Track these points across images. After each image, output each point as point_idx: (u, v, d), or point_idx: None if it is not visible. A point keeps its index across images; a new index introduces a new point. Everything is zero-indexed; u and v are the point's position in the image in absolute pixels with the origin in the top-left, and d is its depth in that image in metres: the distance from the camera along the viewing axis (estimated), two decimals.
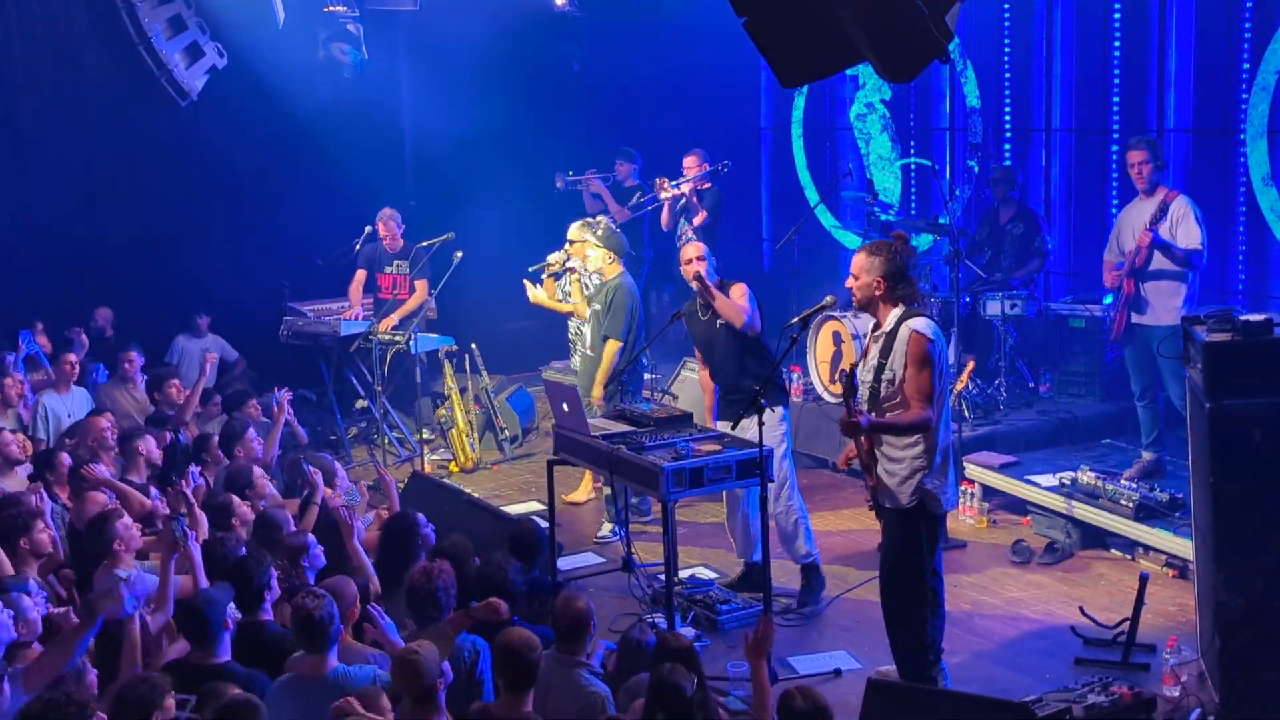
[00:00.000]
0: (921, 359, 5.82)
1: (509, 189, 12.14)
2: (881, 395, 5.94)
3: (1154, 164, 8.26)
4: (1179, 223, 8.12)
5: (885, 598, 6.24)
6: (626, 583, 7.60)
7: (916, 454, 5.94)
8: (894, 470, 5.98)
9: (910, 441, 5.94)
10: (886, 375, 5.91)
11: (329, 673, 5.11)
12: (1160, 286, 8.21)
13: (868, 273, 5.99)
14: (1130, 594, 6.80)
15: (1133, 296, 8.28)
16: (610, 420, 7.64)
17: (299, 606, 5.15)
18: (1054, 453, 9.22)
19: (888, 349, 5.92)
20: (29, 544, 6.23)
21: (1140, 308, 8.29)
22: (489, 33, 12.28)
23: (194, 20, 11.11)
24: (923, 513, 6.00)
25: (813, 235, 12.80)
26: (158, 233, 11.52)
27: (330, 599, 5.20)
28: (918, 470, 5.94)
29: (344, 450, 10.79)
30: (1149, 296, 8.25)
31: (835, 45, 3.87)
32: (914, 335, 5.84)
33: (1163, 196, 8.21)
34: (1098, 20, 10.55)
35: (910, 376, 5.84)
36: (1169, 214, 8.13)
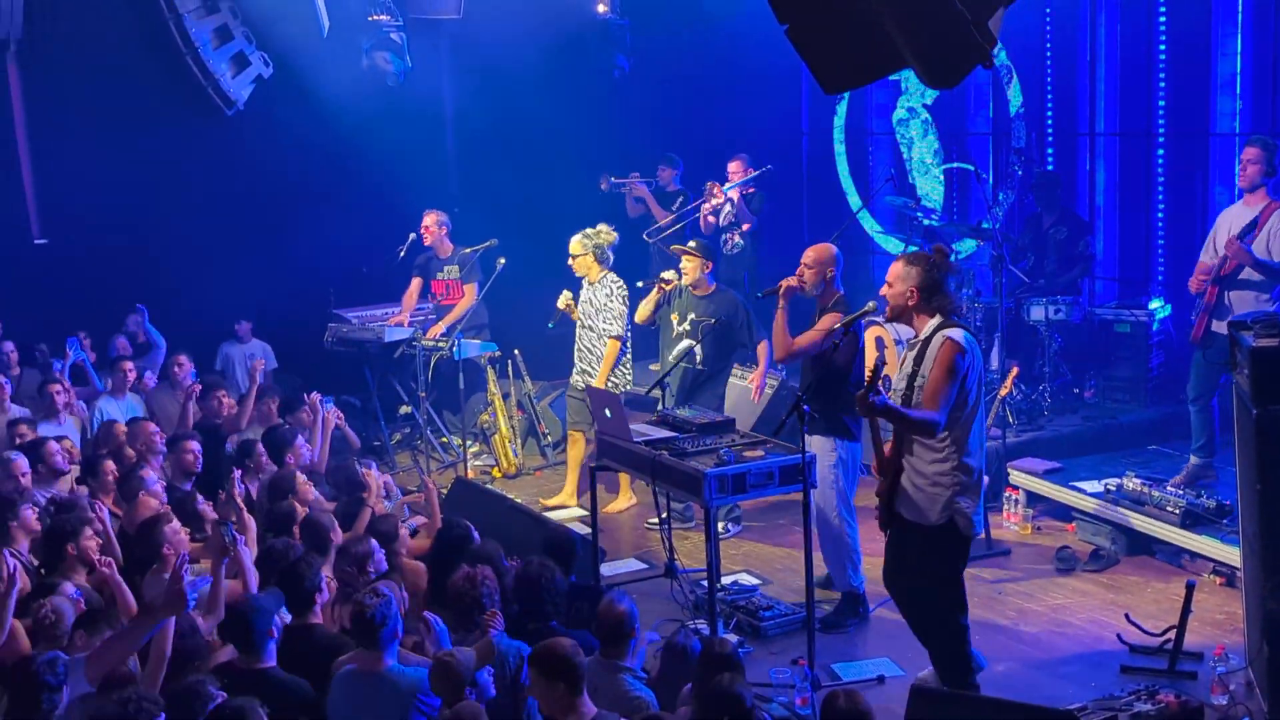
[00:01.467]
0: (947, 365, 5.71)
1: (552, 195, 12.18)
2: (914, 401, 5.83)
3: (1264, 167, 7.95)
4: (1275, 235, 7.87)
5: (917, 614, 6.20)
6: (669, 589, 7.62)
7: (945, 470, 5.82)
8: (919, 484, 5.89)
9: (939, 455, 5.82)
10: (919, 381, 5.82)
11: (384, 670, 5.20)
12: (1245, 296, 7.96)
13: (902, 281, 5.93)
14: (1177, 602, 6.75)
15: (1215, 303, 8.08)
16: (652, 425, 7.65)
17: (357, 603, 5.23)
18: (1099, 459, 9.16)
19: (921, 356, 5.85)
20: (75, 549, 6.30)
21: (1221, 315, 7.98)
22: (531, 39, 12.32)
23: (240, 30, 11.21)
24: (954, 532, 5.88)
25: (855, 240, 12.77)
26: (203, 241, 11.62)
27: (391, 599, 5.27)
28: (948, 486, 5.82)
29: (388, 456, 10.86)
30: (1232, 304, 7.98)
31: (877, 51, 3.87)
32: (947, 341, 5.75)
33: (1264, 205, 7.95)
34: (1142, 23, 10.48)
35: (931, 378, 5.73)
36: (1266, 224, 7.88)
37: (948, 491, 5.82)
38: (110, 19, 11.34)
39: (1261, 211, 7.94)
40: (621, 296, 9.19)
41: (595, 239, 9.22)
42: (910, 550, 6.05)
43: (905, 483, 5.92)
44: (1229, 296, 8.05)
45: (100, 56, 11.38)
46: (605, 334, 9.09)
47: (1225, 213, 8.41)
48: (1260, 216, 7.93)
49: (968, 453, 5.83)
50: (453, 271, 10.90)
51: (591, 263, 9.20)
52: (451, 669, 4.94)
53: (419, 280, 11.09)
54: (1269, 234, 7.89)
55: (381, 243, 11.45)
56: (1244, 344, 5.92)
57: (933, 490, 5.84)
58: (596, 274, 9.23)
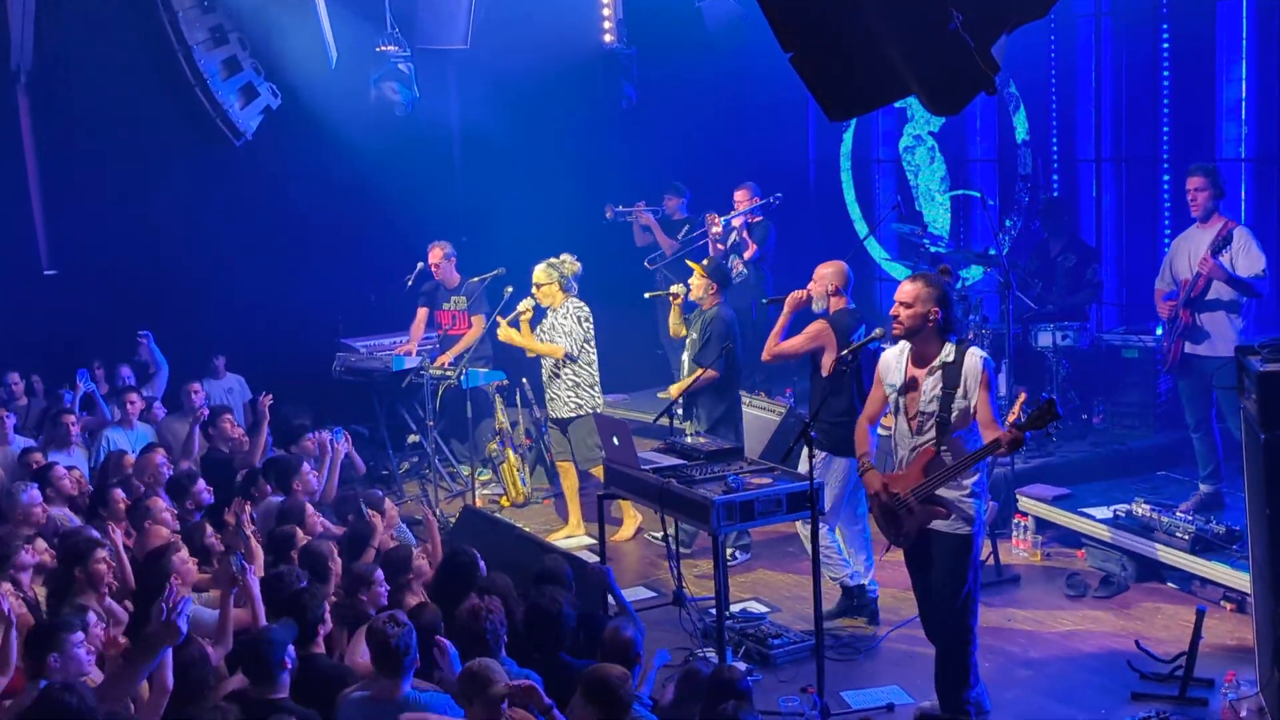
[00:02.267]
0: (989, 384, 6.01)
1: (560, 223, 12.22)
2: (953, 423, 6.02)
3: (1212, 191, 8.12)
4: (1241, 251, 7.99)
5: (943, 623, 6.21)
6: (678, 617, 7.60)
7: (978, 477, 6.10)
8: (958, 495, 6.04)
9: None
10: (959, 404, 5.99)
11: (401, 697, 5.19)
12: (1216, 317, 8.08)
13: (923, 302, 6.02)
14: (1187, 628, 6.72)
15: (1189, 326, 8.17)
16: (660, 453, 7.65)
17: (378, 631, 5.23)
18: (1108, 485, 9.13)
19: (953, 379, 6.00)
20: (84, 574, 6.30)
21: (1196, 338, 8.14)
22: (538, 69, 12.40)
23: (249, 61, 11.30)
24: (978, 535, 6.12)
25: (862, 268, 12.78)
26: (212, 270, 11.67)
27: (411, 629, 5.27)
28: (979, 495, 6.09)
29: (396, 485, 10.86)
30: (1205, 326, 8.11)
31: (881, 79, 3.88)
32: (983, 363, 6.01)
33: (1221, 226, 8.09)
34: (1146, 48, 10.49)
35: (984, 403, 5.98)
36: (1231, 243, 8.00)
37: (979, 500, 6.09)
38: (120, 51, 11.42)
39: (1221, 230, 8.06)
40: (580, 318, 9.28)
41: (560, 268, 9.34)
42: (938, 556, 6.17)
43: (942, 495, 6.05)
44: (1200, 318, 8.14)
45: (109, 88, 11.46)
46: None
47: (1181, 238, 8.52)
48: (1224, 234, 8.03)
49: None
50: (460, 302, 10.92)
51: (556, 290, 9.32)
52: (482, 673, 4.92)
53: (425, 310, 11.12)
54: (1235, 249, 8.02)
55: (389, 272, 11.49)
56: (1251, 369, 5.91)
57: (969, 499, 6.07)
58: (560, 301, 9.33)
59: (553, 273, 9.30)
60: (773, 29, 3.91)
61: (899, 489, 6.12)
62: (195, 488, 8.01)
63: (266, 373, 11.31)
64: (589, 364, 9.36)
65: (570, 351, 9.23)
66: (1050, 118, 11.37)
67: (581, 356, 9.28)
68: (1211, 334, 8.10)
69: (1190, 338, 8.17)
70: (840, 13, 3.73)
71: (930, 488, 6.05)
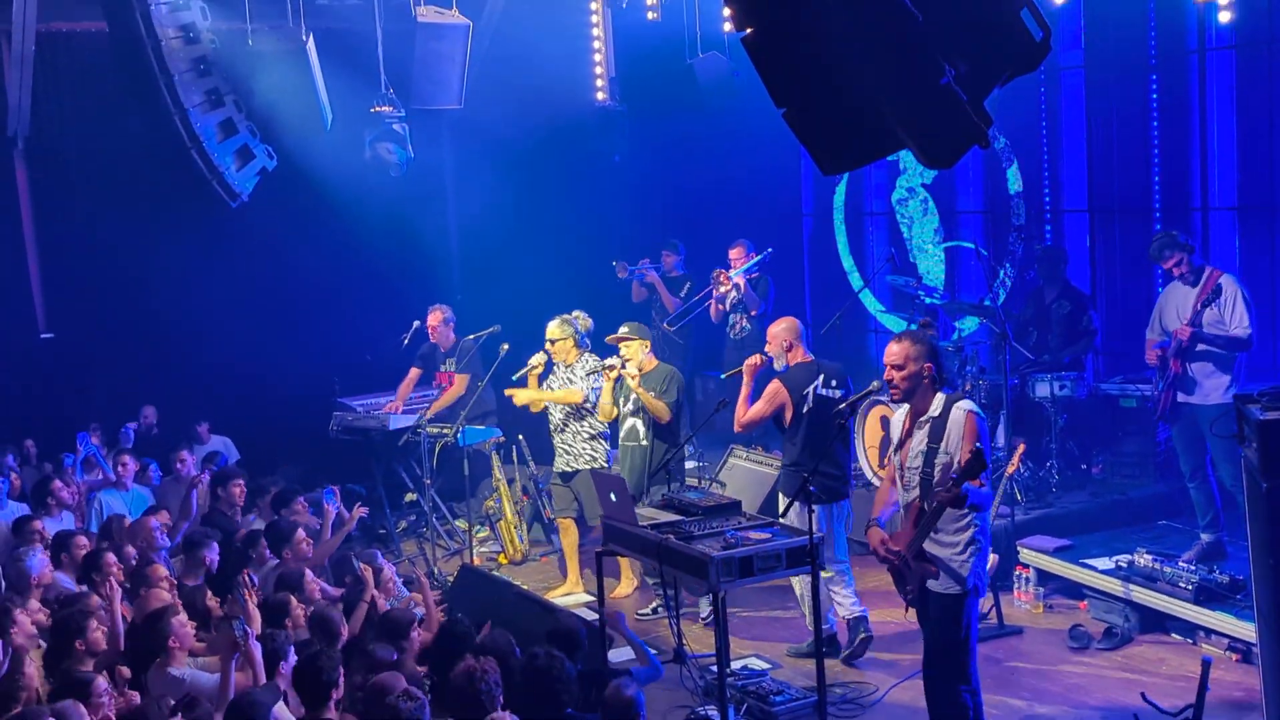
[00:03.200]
0: (977, 436, 5.86)
1: (554, 281, 12.24)
2: (935, 479, 5.90)
3: (1188, 258, 8.24)
4: (1228, 306, 8.07)
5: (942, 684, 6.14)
6: (679, 674, 7.54)
7: (969, 536, 5.92)
8: (947, 554, 5.93)
9: (962, 524, 5.91)
10: (941, 459, 5.88)
11: None
12: (1207, 366, 8.17)
13: (915, 361, 5.99)
14: (1193, 679, 6.64)
15: (1179, 376, 8.21)
16: (658, 509, 7.62)
17: (392, 706, 5.21)
18: (1109, 535, 9.10)
19: (939, 433, 5.90)
20: (84, 644, 6.27)
21: (1187, 387, 8.22)
22: (532, 128, 12.49)
23: (244, 124, 11.33)
24: (974, 595, 5.98)
25: (857, 320, 12.81)
26: (209, 331, 11.68)
27: (424, 703, 5.25)
28: (971, 551, 5.93)
29: (393, 544, 10.80)
30: (1196, 375, 8.19)
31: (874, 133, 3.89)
32: (969, 415, 5.89)
33: (1207, 276, 8.17)
34: (1137, 98, 10.57)
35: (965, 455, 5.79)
36: (1220, 296, 8.07)
37: (972, 558, 5.93)
38: (116, 115, 11.48)
39: (1208, 282, 8.15)
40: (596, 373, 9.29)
41: (574, 323, 9.40)
42: (938, 623, 6.07)
43: (934, 556, 5.96)
44: (1191, 368, 8.23)
45: (106, 151, 11.52)
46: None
47: (1170, 289, 8.57)
48: (1212, 287, 8.12)
49: (986, 516, 5.99)
50: (453, 364, 10.95)
51: (570, 347, 9.34)
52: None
53: (417, 371, 11.13)
54: (1219, 306, 8.10)
55: (385, 331, 11.51)
56: (1251, 417, 5.90)
57: (960, 556, 5.93)
58: (574, 357, 9.35)
59: (567, 328, 9.32)
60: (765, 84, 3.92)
61: (898, 546, 6.08)
62: (208, 550, 7.96)
63: (262, 432, 11.33)
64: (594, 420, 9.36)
65: (587, 395, 9.22)
66: (1042, 169, 11.44)
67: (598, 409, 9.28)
68: (1202, 383, 8.18)
69: (1181, 387, 8.26)
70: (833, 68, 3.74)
71: (917, 544, 5.98)
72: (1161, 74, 10.39)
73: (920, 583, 6.05)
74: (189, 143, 11.45)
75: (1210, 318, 8.12)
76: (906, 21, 3.55)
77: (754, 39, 3.80)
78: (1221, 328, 8.12)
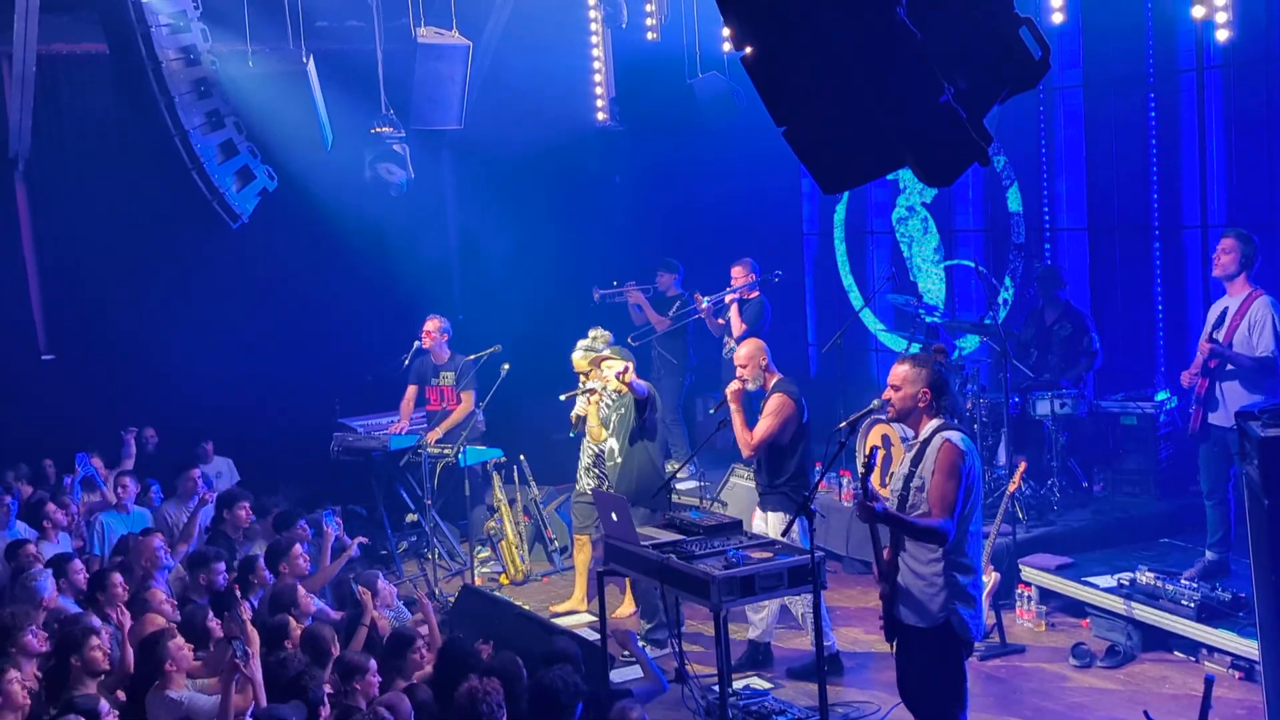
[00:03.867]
0: (949, 469, 5.63)
1: (555, 300, 12.27)
2: (909, 503, 5.75)
3: (1238, 254, 8.00)
4: (1256, 325, 7.90)
5: None
6: (681, 695, 7.51)
7: (940, 570, 5.68)
8: (916, 585, 5.76)
9: (934, 555, 5.69)
10: (915, 483, 5.74)
11: None
12: (1234, 386, 7.96)
13: (912, 384, 5.88)
14: (1195, 697, 6.64)
15: (1206, 394, 8.08)
16: (659, 529, 7.60)
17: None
18: (1111, 553, 9.08)
19: (919, 457, 5.78)
20: (80, 662, 6.25)
21: (1213, 406, 8.05)
22: (532, 148, 12.52)
23: (245, 144, 11.38)
24: (951, 635, 5.74)
25: (858, 339, 12.81)
26: (209, 352, 11.68)
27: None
28: (943, 587, 5.69)
29: (395, 565, 10.78)
30: (1223, 397, 8.00)
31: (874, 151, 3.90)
32: (946, 443, 5.67)
33: (1246, 294, 8.01)
34: (1135, 116, 10.60)
35: (935, 484, 5.64)
36: (1248, 315, 7.94)
37: (943, 593, 5.69)
38: (116, 136, 11.53)
39: (1243, 301, 8.01)
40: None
41: (594, 345, 9.28)
42: (912, 656, 5.92)
43: (902, 582, 5.80)
44: (1220, 388, 8.07)
45: (106, 172, 11.55)
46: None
47: (1213, 306, 8.46)
48: (1241, 305, 7.99)
49: (963, 554, 5.70)
50: (448, 378, 10.93)
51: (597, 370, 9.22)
52: None
53: (414, 388, 11.13)
54: (1249, 323, 7.94)
55: (386, 352, 11.51)
56: (1252, 435, 5.89)
57: (929, 590, 5.72)
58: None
59: (590, 354, 9.23)
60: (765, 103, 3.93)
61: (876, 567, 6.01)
62: (215, 566, 7.94)
63: (263, 454, 11.32)
64: None
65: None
66: (1041, 187, 11.46)
67: None
68: (1229, 403, 7.94)
69: (1208, 406, 8.09)
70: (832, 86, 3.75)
71: (890, 569, 5.84)
72: (1159, 92, 10.42)
73: (889, 608, 5.92)
74: (190, 164, 11.49)
75: (1240, 336, 7.96)
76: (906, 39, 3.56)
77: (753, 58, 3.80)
78: (1249, 347, 7.95)
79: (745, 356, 8.19)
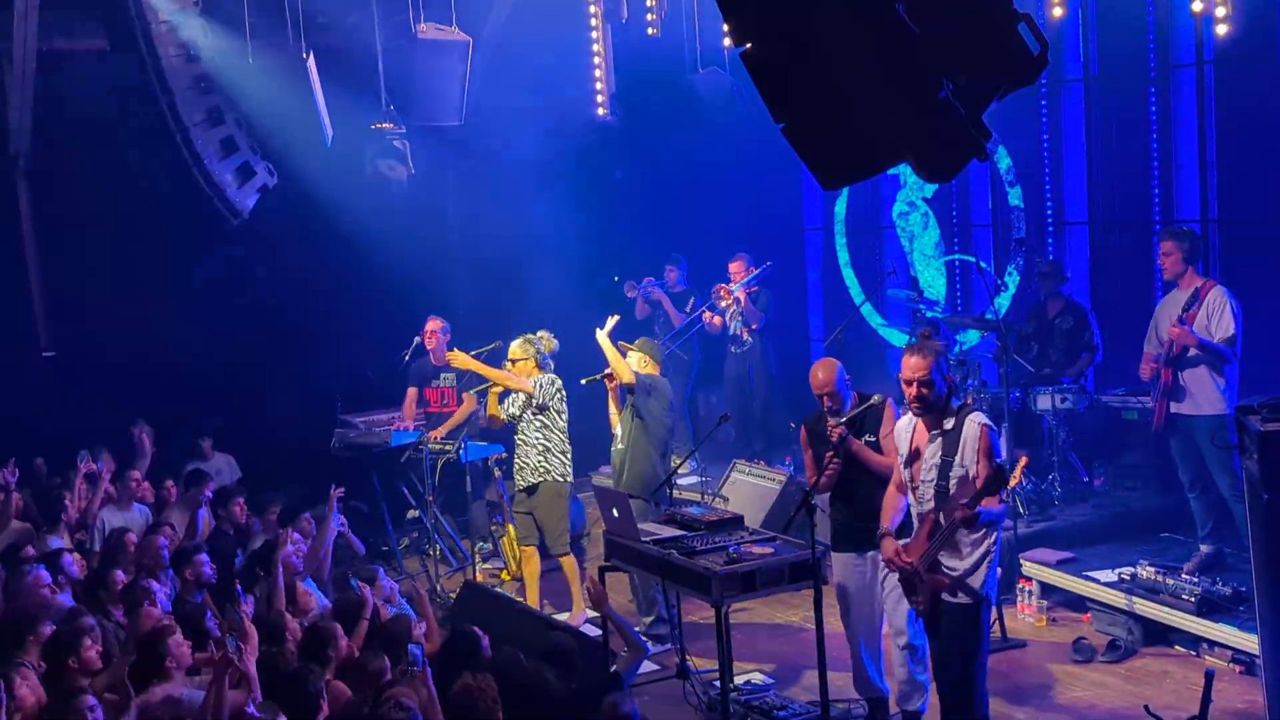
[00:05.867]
0: (992, 452, 5.95)
1: (556, 296, 12.26)
2: (951, 492, 5.96)
3: (1180, 254, 8.24)
4: (1214, 313, 8.06)
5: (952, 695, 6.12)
6: (682, 690, 7.52)
7: (987, 546, 6.00)
8: (965, 566, 5.99)
9: (978, 535, 5.98)
10: (957, 472, 5.96)
11: None
12: (1198, 374, 8.14)
13: (939, 370, 6.05)
14: (1196, 691, 6.62)
15: (1170, 385, 8.19)
16: (660, 524, 7.61)
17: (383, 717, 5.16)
18: (1112, 548, 9.08)
19: (953, 446, 5.97)
20: (77, 663, 6.25)
21: (1179, 396, 8.20)
22: (533, 144, 12.51)
23: (245, 141, 11.38)
24: (984, 605, 6.03)
25: (860, 334, 12.81)
26: (209, 349, 11.68)
27: (416, 713, 5.20)
28: (988, 562, 6.00)
29: (396, 561, 10.78)
30: (1187, 385, 8.17)
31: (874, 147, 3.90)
32: (983, 429, 5.97)
33: (1196, 286, 8.18)
34: (1135, 111, 10.59)
35: (984, 470, 5.90)
36: (1205, 304, 8.08)
37: (986, 570, 5.99)
38: (116, 134, 11.51)
39: (1199, 289, 8.13)
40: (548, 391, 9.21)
41: (537, 344, 9.34)
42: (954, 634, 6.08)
43: (947, 569, 6.00)
44: (1183, 377, 8.19)
45: (107, 170, 11.55)
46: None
47: (1164, 301, 8.61)
48: (1198, 294, 8.11)
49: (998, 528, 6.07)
50: (449, 379, 10.95)
51: (532, 367, 9.29)
52: None
53: (415, 390, 11.14)
54: (1207, 312, 8.07)
55: (387, 348, 11.51)
56: (1251, 429, 5.90)
57: (976, 571, 5.98)
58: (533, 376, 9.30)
59: (529, 348, 9.30)
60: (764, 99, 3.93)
61: (911, 557, 6.09)
62: (197, 559, 7.93)
63: (264, 450, 11.32)
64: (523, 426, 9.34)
65: (512, 413, 9.32)
66: (1043, 181, 11.45)
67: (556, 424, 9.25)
68: (1194, 393, 8.15)
69: (1173, 397, 8.22)
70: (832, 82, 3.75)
71: (931, 555, 6.01)
72: (1160, 86, 10.40)
73: (931, 594, 6.06)
74: (190, 160, 11.48)
75: (1200, 325, 8.10)
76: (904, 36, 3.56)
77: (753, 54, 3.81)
78: (1208, 335, 8.08)
79: (829, 382, 6.99)
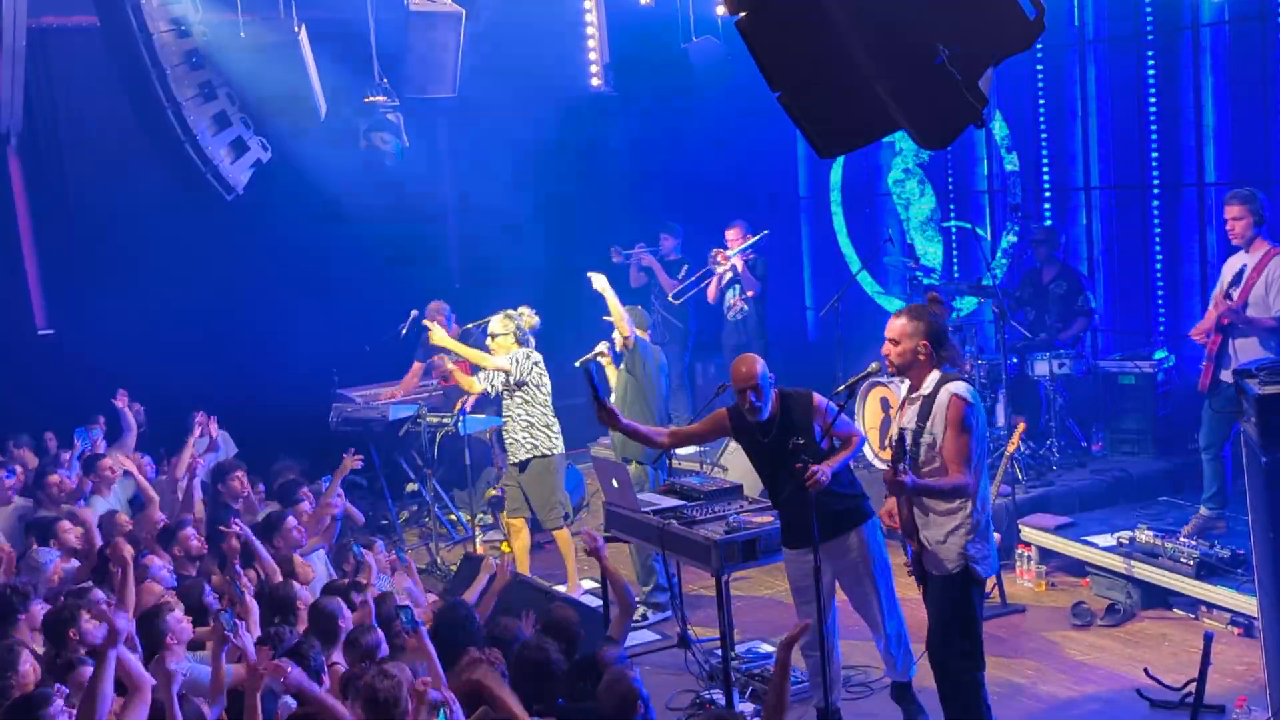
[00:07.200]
0: (961, 424, 5.75)
1: (551, 267, 12.25)
2: (921, 459, 5.85)
3: (1251, 218, 7.83)
4: (1274, 284, 7.70)
5: (938, 667, 6.13)
6: (683, 659, 7.55)
7: (960, 519, 5.84)
8: (937, 536, 5.90)
9: (952, 506, 5.84)
10: (925, 439, 5.83)
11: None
12: (1249, 344, 7.79)
13: (910, 337, 5.91)
14: (1195, 654, 6.67)
15: (1219, 351, 7.94)
16: (660, 494, 7.63)
17: (368, 685, 5.15)
18: (1110, 512, 9.11)
19: (926, 413, 5.85)
20: (77, 634, 6.27)
21: (1226, 363, 7.86)
22: (527, 115, 12.48)
23: (238, 116, 11.34)
24: (970, 578, 5.90)
25: (856, 302, 12.79)
26: (206, 326, 11.67)
27: (401, 682, 5.19)
28: (964, 534, 5.84)
29: (396, 534, 10.80)
30: (1237, 352, 7.83)
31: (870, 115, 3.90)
32: (954, 399, 5.77)
33: (1264, 252, 7.82)
34: (1132, 75, 10.55)
35: (949, 440, 5.76)
36: (1265, 272, 7.74)
37: (962, 540, 5.83)
38: (109, 110, 11.45)
39: (1260, 259, 7.83)
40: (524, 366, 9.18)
41: (518, 319, 9.33)
42: (935, 603, 6.04)
43: (923, 538, 5.94)
44: (1233, 345, 7.91)
45: (100, 146, 11.51)
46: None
47: (1228, 262, 8.26)
48: (1259, 263, 7.82)
49: (976, 498, 5.85)
50: None
51: (511, 343, 9.26)
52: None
53: (420, 365, 11.13)
54: (1267, 281, 7.76)
55: (383, 322, 11.47)
56: (1250, 392, 5.90)
57: (951, 540, 5.85)
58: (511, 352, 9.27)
59: (509, 324, 9.29)
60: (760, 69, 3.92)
61: (895, 523, 6.10)
62: (183, 534, 7.93)
63: (262, 425, 11.30)
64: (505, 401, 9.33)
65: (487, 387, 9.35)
66: (1040, 147, 11.42)
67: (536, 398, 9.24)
68: (1242, 360, 7.67)
69: (1222, 363, 7.93)
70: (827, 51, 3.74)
71: (911, 526, 5.98)
72: (1158, 49, 10.36)
73: (917, 562, 6.04)
74: (183, 136, 11.44)
75: (1257, 295, 7.78)
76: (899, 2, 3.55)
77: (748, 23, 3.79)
78: (1264, 306, 7.74)
79: (749, 375, 6.56)
